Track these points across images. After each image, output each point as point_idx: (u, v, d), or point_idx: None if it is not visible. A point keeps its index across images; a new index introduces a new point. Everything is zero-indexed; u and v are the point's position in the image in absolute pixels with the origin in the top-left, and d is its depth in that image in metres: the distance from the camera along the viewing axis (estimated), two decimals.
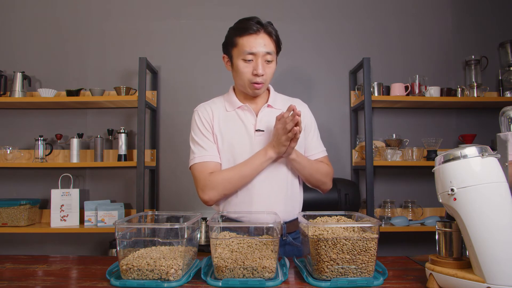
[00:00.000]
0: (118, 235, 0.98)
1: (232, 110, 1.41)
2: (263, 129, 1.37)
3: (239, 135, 1.37)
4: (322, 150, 1.49)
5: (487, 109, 2.71)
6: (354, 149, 2.66)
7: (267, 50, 1.31)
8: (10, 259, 1.24)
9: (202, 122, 1.39)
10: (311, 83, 2.69)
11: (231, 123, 1.39)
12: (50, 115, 2.69)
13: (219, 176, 1.32)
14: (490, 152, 0.86)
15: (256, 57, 1.31)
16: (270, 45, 1.32)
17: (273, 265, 0.96)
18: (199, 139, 1.38)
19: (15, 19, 2.74)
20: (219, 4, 2.74)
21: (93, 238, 2.63)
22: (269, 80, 1.37)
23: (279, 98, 1.48)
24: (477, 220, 0.83)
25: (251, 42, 1.30)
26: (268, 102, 1.42)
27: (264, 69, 1.32)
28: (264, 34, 1.32)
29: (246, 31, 1.31)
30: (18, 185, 2.66)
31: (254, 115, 1.39)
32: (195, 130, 1.40)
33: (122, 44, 2.73)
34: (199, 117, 1.41)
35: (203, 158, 1.35)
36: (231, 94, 1.45)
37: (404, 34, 2.76)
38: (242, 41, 1.32)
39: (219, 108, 1.43)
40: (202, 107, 1.43)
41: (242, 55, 1.32)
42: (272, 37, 1.34)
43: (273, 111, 1.41)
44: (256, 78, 1.32)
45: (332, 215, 1.17)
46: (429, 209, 2.64)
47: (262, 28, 1.32)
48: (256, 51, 1.30)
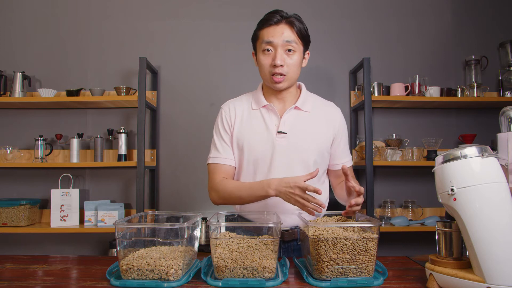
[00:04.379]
0: (118, 235, 0.98)
1: (257, 109, 1.37)
2: (285, 132, 1.31)
3: (259, 135, 1.33)
4: (349, 159, 1.44)
5: (487, 109, 2.71)
6: (354, 149, 2.66)
7: (286, 39, 1.25)
8: (10, 259, 1.24)
9: (223, 123, 1.38)
10: (311, 83, 2.68)
11: (254, 122, 1.35)
12: (50, 115, 2.69)
13: (225, 186, 1.30)
14: (490, 152, 0.86)
15: (274, 47, 1.26)
16: (291, 35, 1.26)
17: (273, 265, 0.96)
18: (217, 140, 1.38)
19: (15, 19, 2.74)
20: (219, 4, 2.74)
21: (93, 238, 2.63)
22: (292, 74, 1.29)
23: (310, 99, 1.41)
24: (477, 220, 0.83)
25: (269, 32, 1.27)
26: (296, 104, 1.36)
27: (284, 60, 1.26)
28: (285, 25, 1.27)
29: (267, 23, 1.28)
30: (18, 185, 2.66)
31: (278, 116, 1.34)
32: (216, 129, 1.40)
33: (122, 44, 2.73)
34: (221, 117, 1.39)
35: (216, 160, 1.36)
36: (259, 91, 1.40)
37: (404, 34, 2.76)
38: (262, 33, 1.29)
39: (245, 106, 1.39)
40: (227, 106, 1.40)
41: (262, 45, 1.29)
42: (294, 27, 1.26)
43: (300, 113, 1.36)
44: (275, 69, 1.26)
45: (332, 215, 1.18)
46: (429, 209, 2.64)
47: (284, 20, 1.27)
48: (273, 40, 1.26)
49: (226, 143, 1.36)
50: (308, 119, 1.36)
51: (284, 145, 1.31)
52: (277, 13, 1.28)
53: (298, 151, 1.31)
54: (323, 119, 1.38)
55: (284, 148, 1.30)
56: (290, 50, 1.27)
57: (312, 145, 1.33)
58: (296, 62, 1.29)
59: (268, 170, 1.31)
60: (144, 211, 2.34)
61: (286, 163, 1.30)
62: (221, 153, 1.36)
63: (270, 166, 1.31)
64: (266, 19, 1.29)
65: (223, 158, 1.35)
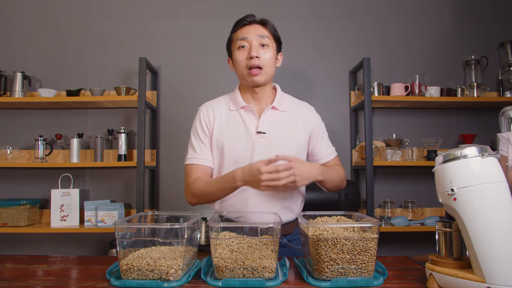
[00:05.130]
0: (118, 235, 0.98)
1: (235, 110, 1.40)
2: (264, 131, 1.36)
3: (239, 136, 1.36)
4: (332, 151, 1.50)
5: (487, 109, 2.71)
6: (354, 149, 2.66)
7: (260, 34, 1.32)
8: (10, 259, 1.24)
9: (202, 125, 1.40)
10: (311, 83, 2.69)
11: (232, 123, 1.38)
12: (50, 115, 2.69)
13: (197, 184, 1.33)
14: (490, 152, 0.86)
15: (249, 42, 1.32)
16: (264, 31, 1.34)
17: (273, 265, 0.95)
18: (195, 141, 1.41)
19: (15, 19, 2.74)
20: (219, 4, 2.74)
21: (93, 238, 2.63)
22: (268, 68, 1.34)
23: (286, 99, 1.45)
24: (477, 220, 0.83)
25: (244, 31, 1.34)
26: (273, 104, 1.40)
27: (260, 53, 1.32)
28: (257, 24, 1.35)
29: (240, 24, 1.36)
30: (18, 185, 2.66)
31: (256, 116, 1.38)
32: (193, 130, 1.43)
33: (122, 44, 2.73)
34: (200, 118, 1.41)
35: (192, 160, 1.39)
36: (236, 93, 1.43)
37: (404, 34, 2.76)
38: (236, 34, 1.36)
39: (223, 107, 1.42)
40: (205, 108, 1.43)
41: (237, 44, 1.34)
42: (267, 26, 1.35)
43: (277, 113, 1.40)
44: (251, 61, 1.31)
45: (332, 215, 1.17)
46: (429, 209, 2.64)
47: (255, 21, 1.35)
48: (248, 36, 1.32)
49: (204, 144, 1.39)
50: (285, 118, 1.41)
51: (263, 144, 1.35)
52: (250, 16, 1.36)
53: (277, 149, 1.34)
54: (298, 117, 1.43)
55: (264, 147, 1.34)
56: (264, 45, 1.33)
57: (290, 142, 1.38)
58: (270, 57, 1.35)
59: None
60: (144, 211, 2.34)
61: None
62: (198, 153, 1.39)
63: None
64: (239, 22, 1.37)
65: (200, 159, 1.38)
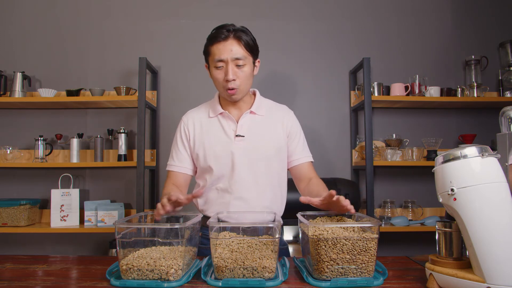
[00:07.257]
0: (118, 235, 0.98)
1: (214, 116, 1.45)
2: (243, 135, 1.39)
3: (219, 141, 1.40)
4: (307, 155, 1.49)
5: (487, 109, 2.71)
6: (354, 149, 2.66)
7: (235, 56, 1.33)
8: (10, 259, 1.24)
9: (181, 134, 1.47)
10: (311, 83, 2.69)
11: (212, 129, 1.43)
12: (50, 115, 2.69)
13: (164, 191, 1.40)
14: (490, 152, 0.86)
15: (225, 63, 1.34)
16: (239, 50, 1.33)
17: (273, 265, 0.96)
18: (174, 149, 1.48)
19: (15, 19, 2.73)
20: (219, 4, 2.74)
21: (93, 238, 2.63)
22: (245, 85, 1.37)
23: (264, 104, 1.50)
24: (477, 220, 0.83)
25: (220, 49, 1.34)
26: (251, 109, 1.44)
27: (236, 73, 1.34)
28: (233, 40, 1.34)
29: (216, 39, 1.35)
30: (18, 185, 2.66)
31: (234, 121, 1.42)
32: (174, 139, 1.51)
33: (122, 44, 2.73)
34: (180, 128, 1.49)
35: (170, 167, 1.47)
36: (215, 100, 1.49)
37: (404, 34, 2.76)
38: (213, 49, 1.36)
39: (202, 115, 1.48)
40: (186, 117, 1.50)
41: (214, 62, 1.36)
42: (242, 42, 1.34)
43: (255, 117, 1.44)
44: (228, 84, 1.34)
45: (332, 215, 1.17)
46: (429, 209, 2.64)
47: (231, 35, 1.34)
48: (224, 57, 1.33)
49: (181, 152, 1.46)
50: (263, 122, 1.45)
51: (242, 147, 1.38)
52: (224, 27, 1.35)
53: (257, 150, 1.39)
54: (276, 120, 1.47)
55: (243, 149, 1.38)
56: (240, 66, 1.35)
57: (270, 143, 1.42)
58: (247, 74, 1.37)
59: (232, 170, 1.38)
60: (144, 211, 2.34)
61: (248, 162, 1.38)
62: (175, 161, 1.46)
63: (233, 167, 1.38)
64: (214, 36, 1.36)
65: (176, 166, 1.45)
